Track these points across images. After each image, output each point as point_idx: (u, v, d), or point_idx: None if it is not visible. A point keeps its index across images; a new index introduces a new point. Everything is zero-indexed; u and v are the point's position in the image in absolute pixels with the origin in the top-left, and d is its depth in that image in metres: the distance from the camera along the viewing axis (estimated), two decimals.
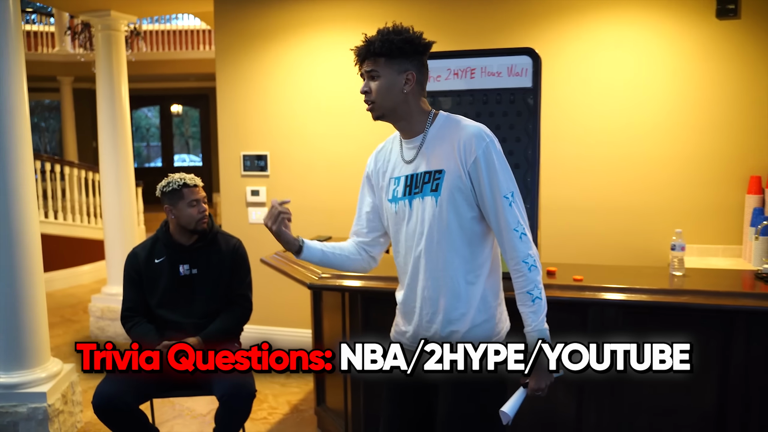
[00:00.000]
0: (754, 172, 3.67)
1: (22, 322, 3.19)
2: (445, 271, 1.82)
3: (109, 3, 4.62)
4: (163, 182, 2.58)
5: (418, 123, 1.86)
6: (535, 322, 1.79)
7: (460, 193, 1.79)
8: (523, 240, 1.78)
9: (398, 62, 1.80)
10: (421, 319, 1.89)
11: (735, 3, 3.57)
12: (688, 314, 2.52)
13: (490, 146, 1.77)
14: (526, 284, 1.79)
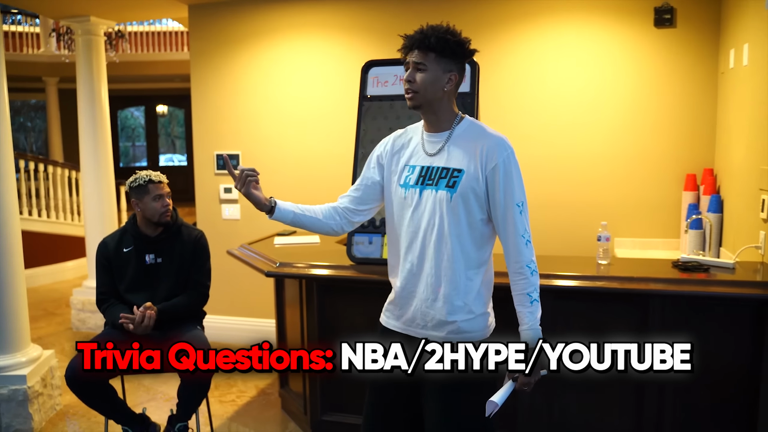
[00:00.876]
0: (690, 170, 3.94)
1: (2, 310, 3.41)
2: (449, 263, 1.93)
3: (89, 9, 4.84)
4: (131, 178, 2.81)
5: (446, 121, 1.97)
6: (531, 321, 1.93)
7: (473, 194, 1.90)
8: (528, 246, 1.92)
9: (446, 62, 1.89)
10: (421, 304, 1.99)
11: (671, 13, 3.84)
12: (609, 298, 2.79)
13: (510, 156, 1.90)
14: (526, 287, 1.92)
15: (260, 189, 2.12)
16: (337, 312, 3.11)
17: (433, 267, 1.95)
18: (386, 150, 2.10)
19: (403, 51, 1.95)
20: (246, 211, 4.70)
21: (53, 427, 3.53)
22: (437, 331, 1.99)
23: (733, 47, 3.49)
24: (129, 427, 2.77)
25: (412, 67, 1.92)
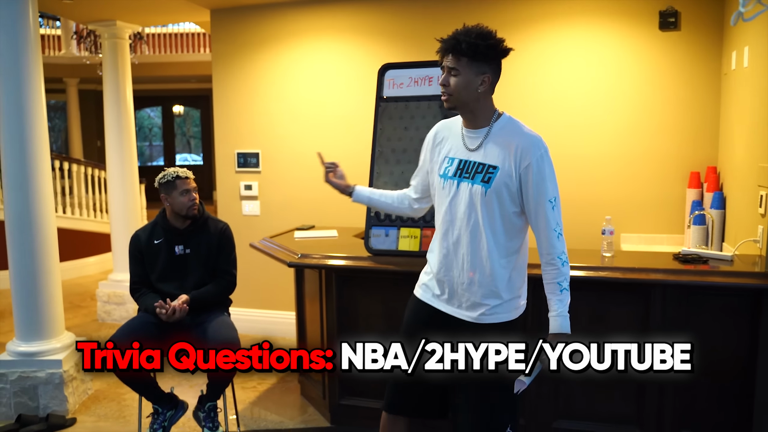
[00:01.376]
0: (693, 168, 4.08)
1: (40, 299, 3.62)
2: (482, 252, 2.07)
3: (115, 14, 5.04)
4: (159, 175, 3.01)
5: (483, 119, 2.08)
6: (561, 308, 2.05)
7: (506, 190, 2.03)
8: (560, 239, 2.05)
9: (478, 65, 2.00)
10: (457, 286, 2.14)
11: (675, 17, 3.98)
12: (613, 287, 2.94)
13: (543, 155, 2.02)
14: (557, 276, 2.06)
15: (343, 177, 2.54)
16: (355, 301, 3.29)
17: (467, 254, 2.10)
18: (429, 141, 2.26)
19: (439, 54, 2.08)
20: (265, 207, 4.90)
21: (86, 409, 3.74)
22: (470, 312, 2.14)
23: (734, 49, 3.63)
24: (159, 405, 2.97)
25: (446, 72, 2.05)
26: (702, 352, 2.84)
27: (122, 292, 5.49)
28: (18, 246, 3.57)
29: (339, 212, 4.64)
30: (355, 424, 3.38)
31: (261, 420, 3.56)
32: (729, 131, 3.79)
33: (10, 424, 3.51)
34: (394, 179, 3.13)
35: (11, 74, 3.46)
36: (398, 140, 3.16)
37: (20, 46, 3.46)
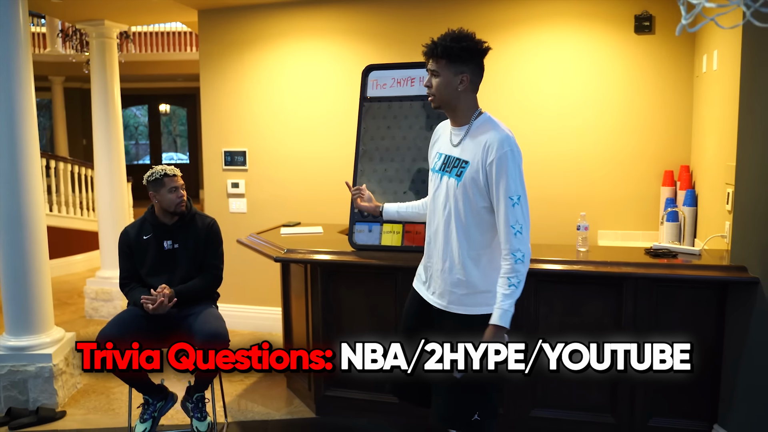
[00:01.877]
0: (667, 167, 4.22)
1: (30, 294, 3.69)
2: (453, 243, 2.21)
3: (103, 13, 5.10)
4: (147, 173, 3.09)
5: (465, 117, 2.22)
6: (504, 301, 2.10)
7: (474, 185, 2.15)
8: (518, 237, 2.09)
9: (456, 66, 2.14)
10: (434, 273, 2.30)
11: (650, 21, 4.13)
12: (587, 280, 3.07)
13: (507, 154, 2.10)
14: (509, 271, 2.11)
15: (370, 200, 2.73)
16: (339, 295, 3.39)
17: (442, 243, 2.25)
18: (431, 141, 2.45)
19: (425, 60, 2.23)
20: (252, 205, 4.98)
21: (75, 402, 3.81)
22: (440, 299, 2.29)
23: (705, 53, 3.78)
24: (149, 396, 3.05)
25: (429, 74, 2.21)
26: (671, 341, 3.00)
27: (110, 288, 5.55)
28: (8, 242, 3.63)
29: (324, 210, 4.75)
30: (340, 414, 3.49)
31: (248, 412, 3.65)
32: (701, 132, 3.94)
33: (0, 417, 3.58)
34: (377, 177, 3.24)
35: (1, 73, 3.52)
36: (381, 139, 3.26)
37: (10, 45, 3.52)
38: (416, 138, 3.21)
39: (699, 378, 2.99)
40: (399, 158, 3.22)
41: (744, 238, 2.88)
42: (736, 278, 2.81)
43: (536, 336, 2.45)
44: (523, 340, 2.21)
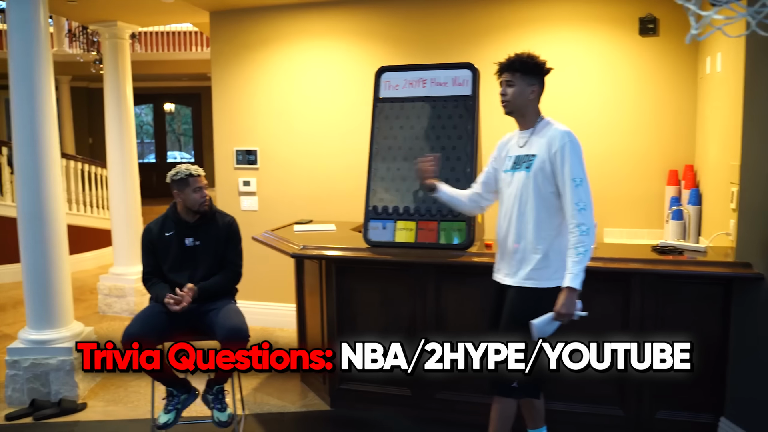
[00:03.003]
0: (672, 166, 4.31)
1: (51, 289, 3.78)
2: (526, 225, 2.54)
3: (117, 14, 5.20)
4: (172, 171, 3.17)
5: (530, 121, 2.61)
6: (573, 267, 2.41)
7: (542, 172, 2.51)
8: (582, 213, 2.43)
9: (529, 78, 2.55)
10: (507, 256, 2.62)
11: (654, 23, 4.22)
12: (595, 276, 3.14)
13: (567, 144, 2.48)
14: (575, 243, 2.42)
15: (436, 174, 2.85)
16: (354, 290, 3.49)
17: (516, 227, 2.58)
18: (497, 149, 2.77)
19: (497, 74, 2.62)
20: (263, 203, 5.08)
21: (95, 395, 3.91)
22: (515, 277, 2.59)
23: (709, 55, 3.87)
24: (174, 389, 3.14)
25: (504, 84, 2.59)
26: (679, 337, 3.09)
27: (123, 285, 5.65)
28: (30, 239, 3.73)
29: (334, 208, 4.84)
30: (354, 407, 3.59)
31: (264, 405, 3.75)
32: (704, 132, 4.03)
33: (23, 408, 3.68)
34: (390, 175, 3.33)
35: (24, 74, 3.61)
36: (394, 139, 3.36)
37: (32, 46, 3.61)
38: (427, 138, 3.30)
39: (706, 371, 3.08)
40: (411, 157, 3.31)
41: (748, 236, 2.97)
42: (741, 274, 2.90)
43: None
44: (523, 339, 2.38)
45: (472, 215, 3.03)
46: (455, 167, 3.23)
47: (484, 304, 3.27)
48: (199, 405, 3.56)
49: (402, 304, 3.40)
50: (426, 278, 3.34)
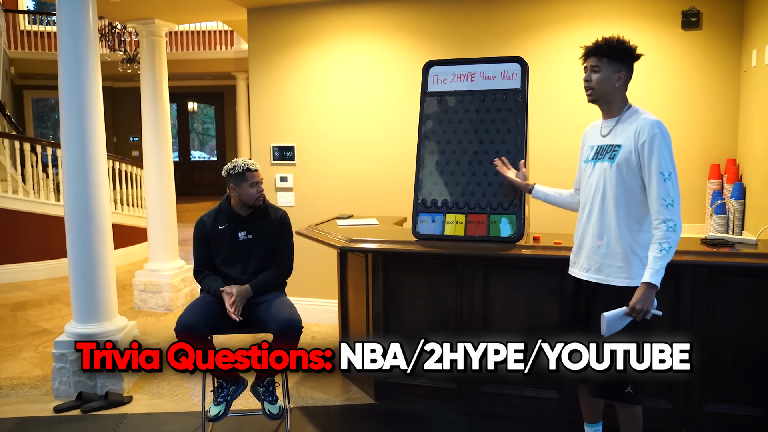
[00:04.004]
0: (714, 161, 4.28)
1: (96, 283, 3.83)
2: (609, 220, 2.45)
3: (155, 12, 5.25)
4: (229, 165, 3.20)
5: (617, 109, 2.50)
6: (654, 263, 2.31)
7: (627, 164, 2.39)
8: (669, 209, 2.32)
9: (616, 64, 2.43)
10: (588, 251, 2.52)
11: (697, 16, 4.19)
12: None
13: (657, 135, 2.34)
14: (661, 238, 2.32)
15: (524, 177, 2.99)
16: (401, 284, 3.50)
17: (597, 221, 2.49)
18: (583, 139, 2.70)
19: (582, 58, 2.52)
20: (300, 199, 5.11)
21: (139, 388, 3.95)
22: (598, 274, 2.50)
23: (755, 47, 3.84)
24: (223, 380, 3.17)
25: (589, 70, 2.48)
26: (729, 330, 3.07)
27: (158, 281, 5.70)
28: (77, 234, 3.78)
29: (371, 204, 4.86)
30: (398, 401, 3.60)
31: (308, 398, 3.77)
32: (749, 125, 4.00)
33: (71, 401, 3.73)
34: (439, 168, 3.34)
35: (73, 72, 3.66)
36: (443, 132, 3.37)
37: (81, 45, 3.66)
38: (476, 131, 3.30)
39: (756, 364, 3.06)
40: (460, 151, 3.32)
41: None
42: None
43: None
44: (523, 339, 2.38)
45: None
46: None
47: (531, 298, 3.30)
48: (246, 397, 3.60)
49: (449, 298, 3.41)
50: (474, 272, 3.34)
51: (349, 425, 3.47)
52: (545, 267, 3.24)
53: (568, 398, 3.30)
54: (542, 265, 3.22)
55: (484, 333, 3.37)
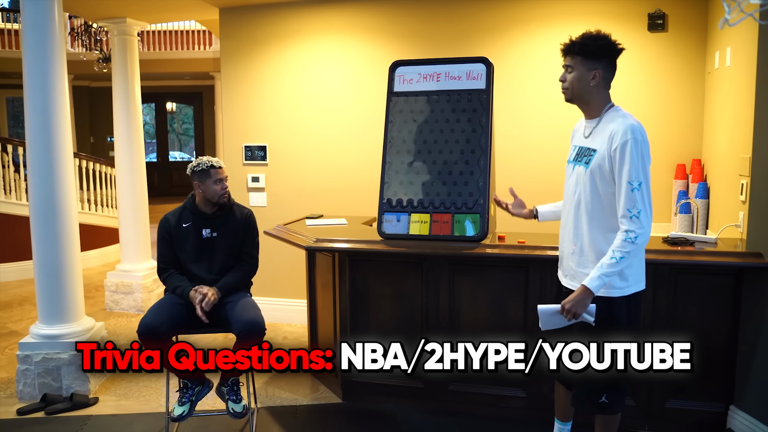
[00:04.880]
0: (680, 160, 4.34)
1: (62, 284, 3.79)
2: (582, 227, 2.36)
3: (126, 11, 5.20)
4: (193, 163, 3.19)
5: (596, 110, 2.38)
6: (603, 270, 2.22)
7: (600, 170, 2.27)
8: (633, 220, 2.19)
9: (590, 62, 2.30)
10: (566, 257, 2.46)
11: (663, 18, 4.25)
12: None
13: (629, 142, 2.20)
14: (617, 246, 2.21)
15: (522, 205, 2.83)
16: (367, 283, 3.51)
17: (572, 227, 2.42)
18: (572, 135, 2.60)
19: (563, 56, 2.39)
20: (272, 199, 5.10)
21: (106, 389, 3.92)
22: (572, 281, 2.42)
23: (718, 50, 3.90)
24: (188, 381, 3.16)
25: (564, 70, 2.38)
26: (690, 327, 3.12)
27: (130, 281, 5.66)
28: (42, 234, 3.73)
29: (343, 203, 4.86)
30: (366, 400, 3.60)
31: (275, 398, 3.76)
32: (713, 126, 4.06)
33: (35, 403, 3.69)
34: (404, 169, 3.35)
35: (38, 71, 3.62)
36: (408, 132, 3.38)
37: (46, 43, 3.62)
38: (441, 131, 3.32)
39: (716, 361, 3.11)
40: (425, 150, 3.34)
41: (759, 226, 3.00)
42: (752, 264, 2.93)
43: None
44: (523, 339, 2.35)
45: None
46: (469, 160, 3.25)
47: (497, 297, 3.33)
48: (213, 398, 3.59)
49: (415, 297, 3.42)
50: (440, 271, 3.36)
51: (315, 425, 3.47)
52: (510, 266, 3.26)
53: (535, 396, 3.34)
54: (507, 264, 3.25)
55: (451, 332, 3.39)
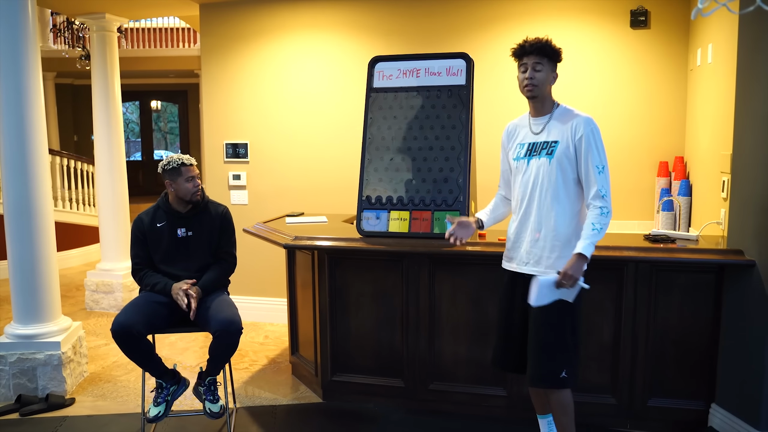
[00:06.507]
0: (662, 158, 4.33)
1: (38, 283, 3.72)
2: (547, 213, 2.54)
3: (105, 7, 5.13)
4: (164, 161, 3.13)
5: (548, 107, 2.61)
6: (586, 241, 2.44)
7: (566, 158, 2.51)
8: (604, 198, 2.47)
9: (552, 65, 2.58)
10: (528, 245, 2.59)
11: (645, 15, 4.23)
12: (590, 264, 3.15)
13: (593, 131, 2.50)
14: (594, 218, 2.47)
15: (468, 225, 2.78)
16: (346, 281, 3.46)
17: (535, 215, 2.58)
18: (504, 139, 2.78)
19: (517, 54, 2.60)
20: (253, 197, 5.04)
21: (83, 390, 3.85)
22: (537, 266, 2.58)
23: (699, 47, 3.89)
24: (163, 380, 3.10)
25: (531, 68, 2.55)
26: (671, 325, 3.11)
27: (110, 281, 5.59)
28: (17, 232, 3.66)
29: (325, 201, 4.82)
30: (347, 399, 3.56)
31: (255, 397, 3.72)
32: (695, 123, 4.05)
33: (10, 404, 3.61)
34: (383, 165, 3.31)
35: (11, 67, 3.55)
36: (387, 129, 3.34)
37: (20, 39, 3.56)
38: (420, 128, 3.29)
39: (697, 359, 3.10)
40: (405, 147, 3.30)
41: (740, 223, 2.99)
42: (733, 261, 2.91)
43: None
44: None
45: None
46: (449, 157, 3.22)
47: (477, 294, 3.29)
48: (190, 398, 3.53)
49: (395, 295, 3.39)
50: (419, 268, 3.32)
51: (294, 425, 3.42)
52: (490, 263, 3.22)
53: (516, 395, 3.31)
54: (487, 261, 3.21)
55: (431, 329, 3.36)
